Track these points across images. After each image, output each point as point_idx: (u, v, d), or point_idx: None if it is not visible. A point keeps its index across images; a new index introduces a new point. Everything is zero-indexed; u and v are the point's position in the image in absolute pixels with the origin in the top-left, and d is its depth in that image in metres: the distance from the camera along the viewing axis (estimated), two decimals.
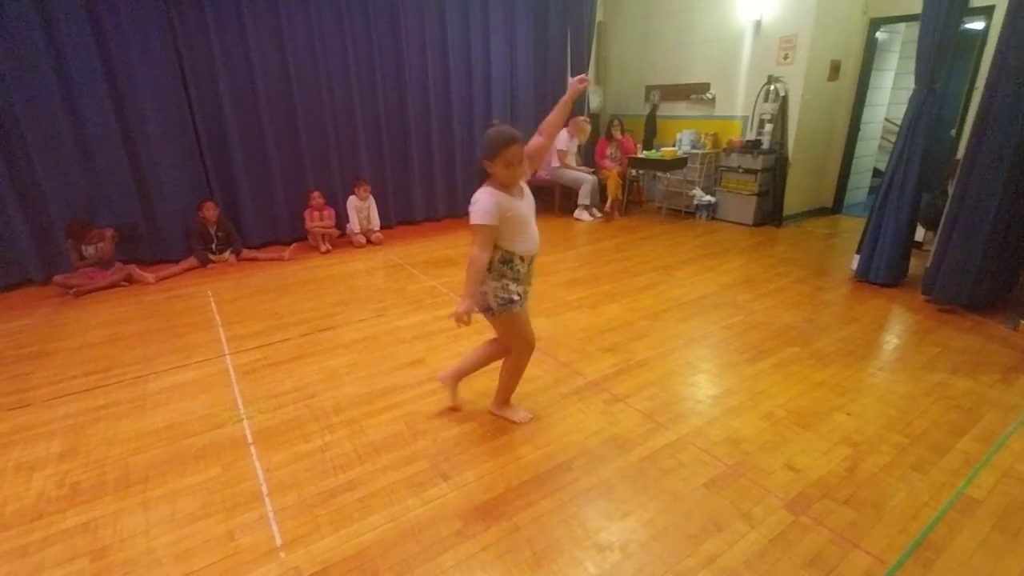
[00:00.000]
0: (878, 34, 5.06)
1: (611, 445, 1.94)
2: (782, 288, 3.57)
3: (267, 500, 1.67)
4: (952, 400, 2.23)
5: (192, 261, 4.15)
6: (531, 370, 2.46)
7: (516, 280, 1.83)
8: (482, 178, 1.77)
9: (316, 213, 4.65)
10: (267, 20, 4.29)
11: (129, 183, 4.03)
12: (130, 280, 3.79)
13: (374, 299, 3.43)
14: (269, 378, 2.44)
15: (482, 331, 2.90)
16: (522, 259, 1.83)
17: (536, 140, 1.86)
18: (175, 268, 4.05)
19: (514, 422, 2.08)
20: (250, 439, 1.99)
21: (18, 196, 3.63)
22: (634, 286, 3.63)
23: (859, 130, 5.44)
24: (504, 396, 2.12)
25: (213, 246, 4.26)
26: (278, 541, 1.52)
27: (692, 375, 2.46)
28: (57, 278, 3.60)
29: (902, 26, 5.17)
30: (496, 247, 1.78)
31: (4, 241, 3.63)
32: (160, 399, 2.29)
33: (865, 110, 5.39)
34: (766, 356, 2.63)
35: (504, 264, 1.80)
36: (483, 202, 1.69)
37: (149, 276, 3.81)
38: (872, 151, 5.95)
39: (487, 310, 1.85)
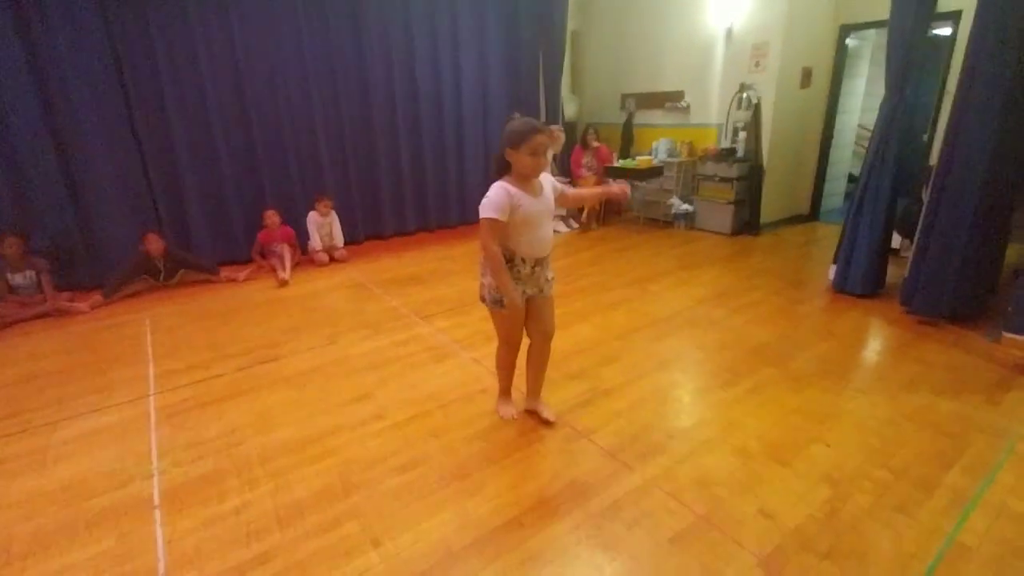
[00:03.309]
0: (848, 40, 5.01)
1: (569, 492, 1.74)
2: (757, 301, 3.43)
3: None
4: (936, 425, 2.08)
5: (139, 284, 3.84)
6: (486, 402, 2.28)
7: (516, 280, 1.84)
8: (498, 170, 1.78)
9: (271, 235, 4.35)
10: (217, 26, 4.06)
11: (65, 203, 3.72)
12: (60, 311, 3.47)
13: (328, 323, 3.20)
14: (194, 422, 2.19)
15: (441, 358, 2.71)
16: (524, 260, 1.84)
17: (583, 191, 2.00)
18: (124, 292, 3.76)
19: (541, 418, 2.13)
20: (157, 500, 1.74)
21: None
22: (606, 302, 3.46)
23: (832, 137, 5.39)
24: (532, 385, 2.16)
25: (160, 277, 3.93)
26: None
27: (662, 404, 2.27)
28: None
29: (872, 32, 5.13)
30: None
31: None
32: (65, 451, 2.02)
33: (838, 117, 5.35)
34: (740, 379, 2.46)
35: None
36: (494, 196, 1.71)
37: (83, 305, 3.51)
38: (846, 157, 5.90)
39: (481, 299, 1.93)
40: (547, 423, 2.10)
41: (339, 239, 4.67)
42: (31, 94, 3.51)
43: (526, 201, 1.73)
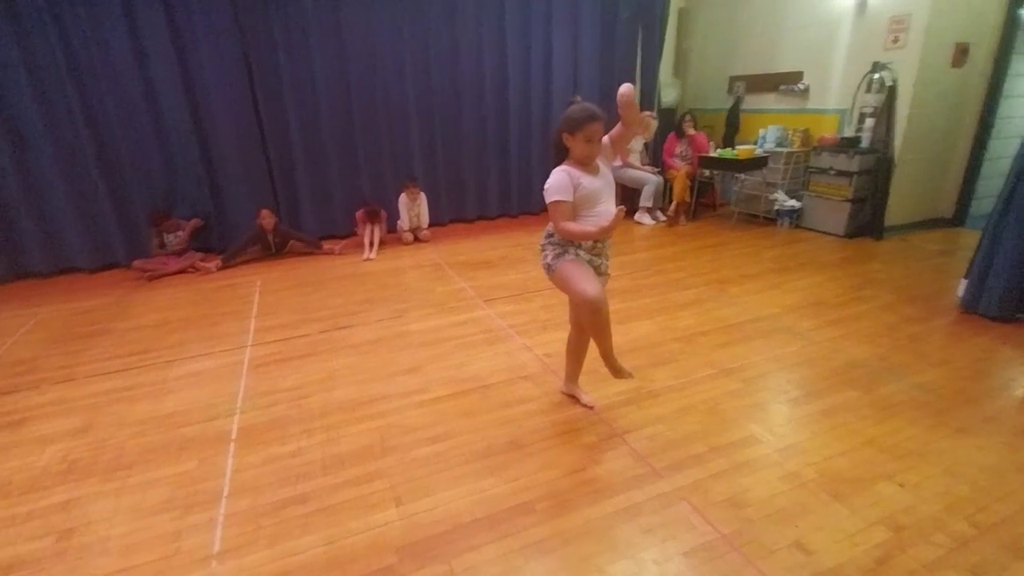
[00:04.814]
0: (1021, 11, 4.09)
1: (587, 488, 1.73)
2: (859, 315, 3.02)
3: (223, 502, 1.70)
4: None
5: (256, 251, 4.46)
6: (527, 389, 2.31)
7: (579, 250, 1.89)
8: (558, 155, 1.85)
9: (368, 220, 4.67)
10: (328, 21, 4.47)
11: (202, 179, 4.43)
12: (195, 268, 4.17)
13: (399, 299, 3.44)
14: (275, 373, 2.53)
15: (494, 342, 2.80)
16: None
17: (616, 128, 1.84)
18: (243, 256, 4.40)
19: (581, 403, 2.18)
20: (234, 435, 2.05)
21: (109, 190, 4.16)
22: (677, 302, 3.28)
23: (993, 127, 4.48)
24: (571, 371, 2.20)
25: (271, 249, 4.51)
26: (216, 548, 1.52)
27: (710, 414, 2.13)
28: (136, 263, 4.08)
29: None
30: None
31: (97, 228, 4.19)
32: (176, 385, 2.46)
33: (1003, 102, 4.42)
34: (813, 399, 2.21)
35: (568, 240, 1.87)
36: (555, 179, 1.79)
37: (210, 265, 4.16)
38: (1011, 152, 4.85)
39: (547, 268, 1.94)
40: (586, 408, 2.15)
41: (425, 220, 4.95)
42: (179, 89, 4.19)
43: (586, 180, 1.80)
